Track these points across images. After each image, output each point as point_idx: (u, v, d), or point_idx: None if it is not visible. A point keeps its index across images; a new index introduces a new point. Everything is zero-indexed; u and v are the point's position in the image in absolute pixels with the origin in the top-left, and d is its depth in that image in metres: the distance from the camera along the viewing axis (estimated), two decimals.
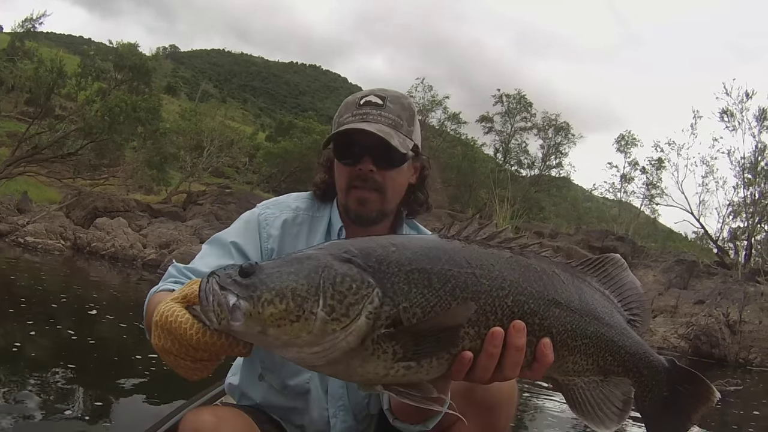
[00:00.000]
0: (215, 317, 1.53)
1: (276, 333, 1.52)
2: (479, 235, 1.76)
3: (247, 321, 1.52)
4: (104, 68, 35.96)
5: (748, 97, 28.47)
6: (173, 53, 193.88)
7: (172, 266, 2.43)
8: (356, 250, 1.63)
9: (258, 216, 2.56)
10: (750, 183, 28.51)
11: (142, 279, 18.23)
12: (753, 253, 27.74)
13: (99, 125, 29.83)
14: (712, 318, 16.15)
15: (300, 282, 1.53)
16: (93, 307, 12.25)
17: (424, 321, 1.57)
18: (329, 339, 1.51)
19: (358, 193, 2.40)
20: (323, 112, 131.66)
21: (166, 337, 1.62)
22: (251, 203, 16.27)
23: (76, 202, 26.69)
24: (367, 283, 1.56)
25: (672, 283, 20.41)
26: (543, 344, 1.68)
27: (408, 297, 1.58)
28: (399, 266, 1.61)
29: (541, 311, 1.70)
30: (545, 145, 46.30)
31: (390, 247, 1.66)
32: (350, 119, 2.40)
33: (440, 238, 1.76)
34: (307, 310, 1.51)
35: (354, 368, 1.58)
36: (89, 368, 7.62)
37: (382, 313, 1.55)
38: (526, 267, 1.74)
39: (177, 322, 1.60)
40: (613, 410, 1.78)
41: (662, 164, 34.78)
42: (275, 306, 1.50)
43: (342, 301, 1.53)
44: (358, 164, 2.37)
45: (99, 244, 21.77)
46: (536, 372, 1.70)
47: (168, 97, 70.33)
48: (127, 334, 10.10)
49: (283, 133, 56.28)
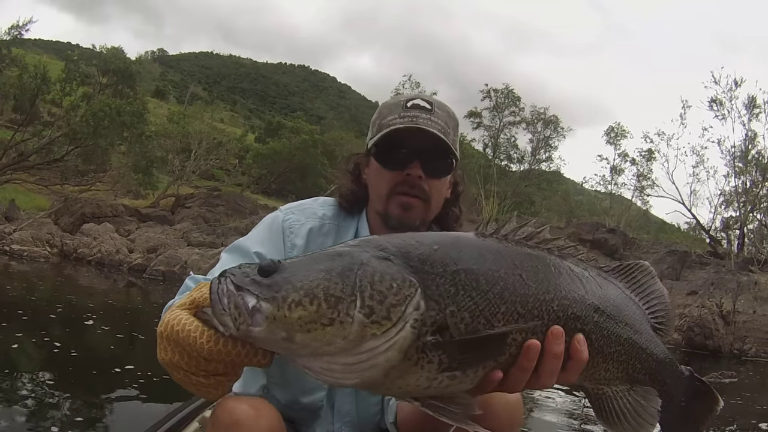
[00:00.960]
0: (231, 322, 1.32)
1: (304, 339, 1.32)
2: (517, 234, 1.64)
3: (270, 325, 1.31)
4: (89, 73, 35.89)
5: (737, 85, 28.49)
6: (161, 57, 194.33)
7: (188, 278, 2.19)
8: (394, 248, 1.46)
9: (282, 222, 2.38)
10: (741, 172, 28.43)
11: (130, 284, 18.30)
12: (746, 242, 27.71)
13: (83, 130, 29.74)
14: (705, 309, 15.98)
15: (333, 280, 1.34)
16: (81, 314, 12.19)
17: (480, 332, 1.42)
18: (367, 347, 1.33)
19: (403, 199, 2.27)
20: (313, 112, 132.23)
21: (173, 349, 1.41)
22: (240, 205, 16.36)
23: (63, 209, 26.49)
24: (410, 282, 1.38)
25: (664, 274, 20.09)
26: (577, 341, 1.55)
27: (455, 300, 1.42)
28: (444, 266, 1.45)
29: (583, 316, 1.59)
30: (534, 139, 46.32)
31: (432, 245, 1.50)
32: (398, 121, 2.24)
33: (479, 237, 1.62)
34: (342, 312, 1.31)
35: (393, 381, 1.40)
36: (82, 375, 7.60)
37: (427, 319, 1.38)
38: (567, 271, 1.64)
39: (185, 330, 1.38)
40: (641, 422, 1.70)
41: (652, 155, 34.78)
42: (304, 308, 1.31)
43: (382, 302, 1.34)
44: (406, 169, 2.24)
45: (85, 250, 21.69)
46: (571, 373, 1.56)
47: (157, 101, 70.47)
48: (116, 339, 10.17)
49: (272, 134, 56.30)
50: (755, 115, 28.52)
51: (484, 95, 47.14)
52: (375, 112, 2.41)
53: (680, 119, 31.66)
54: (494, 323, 1.44)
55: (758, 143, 28.83)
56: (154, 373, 7.46)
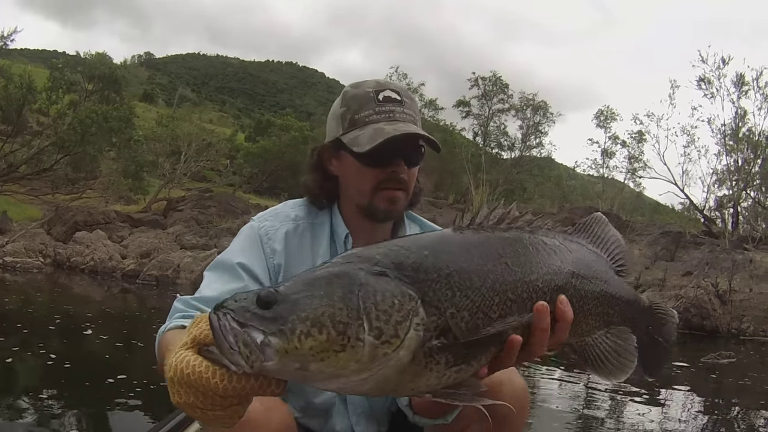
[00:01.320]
0: (243, 360, 1.30)
1: (319, 367, 1.32)
2: (490, 219, 1.71)
3: (283, 358, 1.30)
4: (74, 80, 35.77)
5: (725, 63, 28.34)
6: (148, 60, 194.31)
7: (177, 300, 2.17)
8: (387, 261, 1.47)
9: (258, 230, 2.37)
10: (732, 150, 28.40)
11: (124, 291, 18.28)
12: (740, 221, 27.71)
13: (71, 138, 29.68)
14: (701, 289, 15.90)
15: (336, 305, 1.34)
16: (76, 323, 12.17)
17: (481, 331, 1.49)
18: (379, 363, 1.35)
19: (389, 194, 2.30)
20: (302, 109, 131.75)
21: (186, 392, 1.38)
22: (232, 205, 16.33)
23: (56, 218, 26.46)
24: (409, 296, 1.41)
25: (658, 255, 20.10)
26: (560, 302, 1.64)
27: (453, 302, 1.46)
28: (437, 271, 1.49)
29: (563, 285, 1.69)
30: (524, 126, 46.17)
31: (421, 251, 1.53)
32: (375, 117, 2.27)
33: (458, 232, 1.67)
34: (352, 337, 1.32)
35: (405, 384, 1.44)
36: (79, 385, 7.60)
37: (430, 325, 1.41)
38: (541, 245, 1.72)
39: (195, 373, 1.35)
40: (624, 360, 1.83)
41: (643, 137, 34.75)
42: (314, 338, 1.30)
43: (388, 321, 1.36)
44: (391, 167, 2.27)
45: (78, 258, 21.74)
46: (559, 334, 1.65)
47: (145, 105, 70.30)
48: (112, 348, 10.11)
49: (261, 132, 56.16)
50: (744, 93, 28.43)
51: (472, 84, 46.93)
52: (338, 100, 2.40)
53: (669, 99, 31.62)
54: (491, 315, 1.50)
55: (748, 121, 28.80)
56: (151, 381, 7.43)
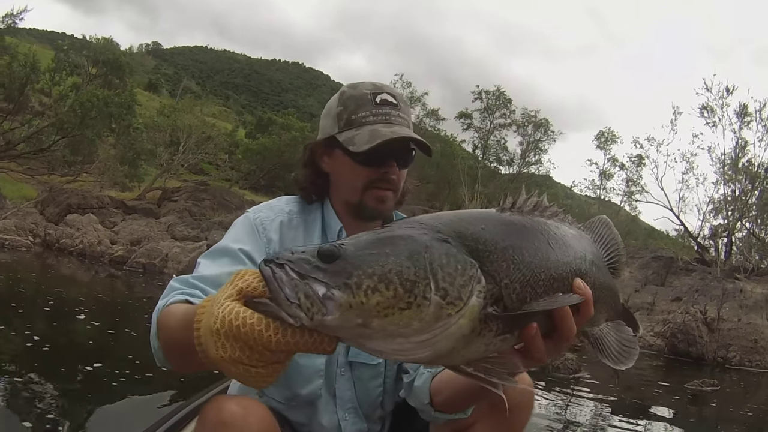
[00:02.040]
0: (304, 312, 1.28)
1: (381, 324, 1.32)
2: (527, 205, 1.73)
3: (345, 313, 1.29)
4: (78, 63, 35.77)
5: (729, 92, 28.34)
6: (156, 50, 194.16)
7: (173, 280, 2.11)
8: (449, 230, 1.49)
9: (254, 220, 2.39)
10: (730, 179, 28.38)
11: (111, 276, 18.25)
12: (734, 251, 27.67)
13: (70, 120, 29.63)
14: (689, 315, 15.84)
15: (404, 264, 1.35)
16: (60, 305, 12.10)
17: (532, 305, 1.52)
18: (441, 324, 1.36)
19: (379, 193, 2.37)
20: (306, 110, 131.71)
21: (233, 345, 1.31)
22: (226, 200, 16.39)
23: (50, 199, 26.49)
24: (470, 263, 1.44)
25: (649, 279, 20.01)
26: (576, 285, 1.65)
27: (508, 274, 1.50)
28: (494, 244, 1.52)
29: (587, 269, 1.75)
30: (524, 142, 46.21)
31: (478, 224, 1.56)
32: (372, 119, 2.34)
33: (504, 212, 1.69)
34: (419, 296, 1.33)
35: (458, 351, 1.44)
36: (61, 369, 7.49)
37: (487, 292, 1.44)
38: (568, 233, 1.79)
39: (247, 325, 1.29)
40: (631, 348, 1.89)
41: (642, 161, 34.77)
42: (381, 293, 1.30)
43: (453, 284, 1.37)
44: (383, 167, 2.35)
45: (68, 240, 21.73)
46: (584, 314, 1.66)
47: (150, 94, 70.31)
48: (95, 332, 10.05)
49: (262, 129, 56.07)
50: (746, 123, 28.44)
51: (476, 96, 47.14)
52: (334, 99, 2.45)
53: (671, 125, 31.64)
54: (537, 289, 1.55)
55: (749, 152, 28.78)
56: (131, 367, 7.49)
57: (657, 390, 10.93)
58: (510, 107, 46.66)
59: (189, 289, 2.03)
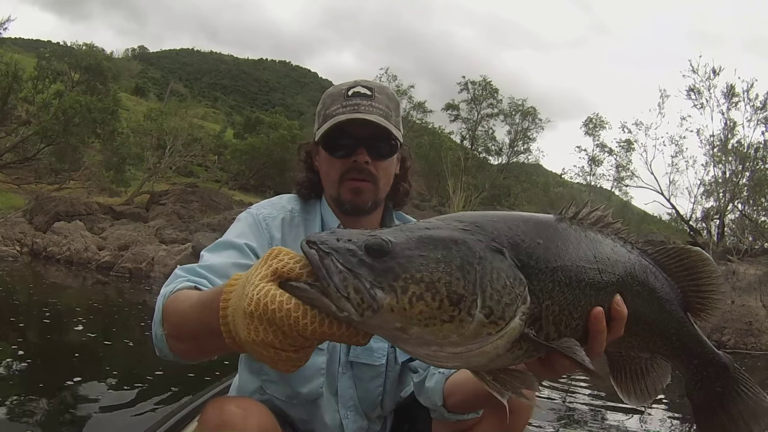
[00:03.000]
0: (353, 307, 1.24)
1: (420, 332, 1.29)
2: (590, 218, 1.72)
3: (386, 315, 1.26)
4: (61, 70, 35.69)
5: (715, 74, 28.26)
6: (142, 54, 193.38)
7: (178, 269, 2.11)
8: (505, 240, 1.46)
9: (257, 216, 2.44)
10: (720, 160, 28.29)
11: (96, 282, 18.17)
12: (727, 232, 27.59)
13: (54, 128, 29.51)
14: None
15: (455, 275, 1.31)
16: (46, 313, 12.08)
17: (566, 346, 1.48)
18: (479, 342, 1.34)
19: (352, 184, 2.39)
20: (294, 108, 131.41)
21: (266, 328, 1.27)
22: (214, 201, 16.38)
23: (38, 208, 26.32)
24: (520, 280, 1.41)
25: None
26: (616, 302, 1.62)
27: (551, 295, 1.48)
28: (546, 263, 1.50)
29: (627, 296, 1.66)
30: (512, 131, 46.12)
31: (536, 237, 1.52)
32: (341, 110, 2.37)
33: (563, 223, 1.66)
34: (464, 311, 1.29)
35: (485, 364, 1.42)
36: (44, 377, 7.46)
37: (529, 312, 1.42)
38: (623, 256, 1.72)
39: (282, 309, 1.24)
40: (645, 388, 1.82)
41: (631, 145, 34.67)
42: (426, 303, 1.26)
43: (500, 302, 1.34)
44: (353, 156, 2.37)
45: (55, 248, 21.72)
46: (615, 331, 1.62)
47: (137, 99, 70.19)
48: (80, 338, 10.03)
49: (250, 129, 55.92)
50: (734, 104, 28.36)
51: (462, 87, 47.12)
52: (319, 102, 2.53)
53: (658, 109, 31.52)
54: (574, 314, 1.52)
55: (738, 132, 28.68)
56: (129, 373, 7.63)
57: None
58: (497, 97, 46.73)
59: (196, 278, 2.03)
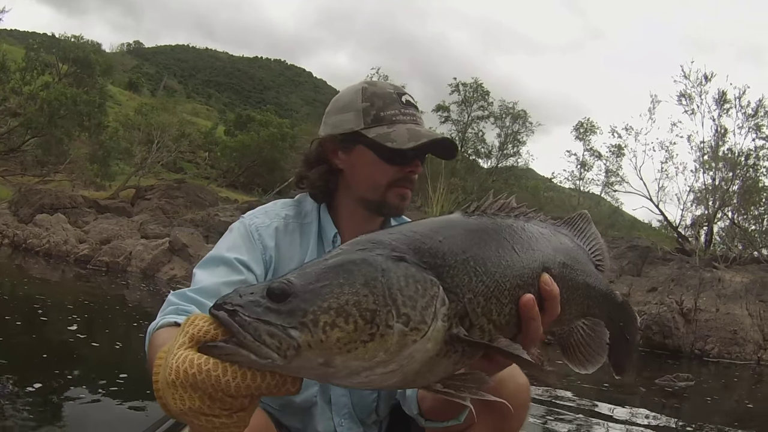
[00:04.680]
0: (275, 352, 1.20)
1: (345, 360, 1.25)
2: (493, 207, 1.72)
3: (307, 353, 1.22)
4: (50, 62, 35.64)
5: (707, 80, 28.05)
6: (137, 49, 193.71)
7: (171, 294, 2.11)
8: (404, 246, 1.42)
9: (249, 226, 2.37)
10: (709, 167, 28.14)
11: (75, 276, 18.21)
12: (717, 240, 27.49)
13: (39, 119, 29.40)
14: (664, 306, 15.54)
15: (361, 292, 1.27)
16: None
17: (498, 342, 1.48)
18: (407, 352, 1.30)
19: (402, 191, 2.37)
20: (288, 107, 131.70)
21: (191, 395, 1.22)
22: (199, 197, 16.38)
23: (23, 200, 26.31)
24: (431, 281, 1.37)
25: (624, 269, 19.50)
26: (543, 282, 1.64)
27: (470, 287, 1.45)
28: (454, 256, 1.46)
29: (559, 269, 1.72)
30: (502, 134, 46.11)
31: (436, 237, 1.49)
32: (402, 118, 2.32)
33: (464, 217, 1.65)
34: (381, 325, 1.26)
35: (423, 374, 1.38)
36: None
37: (451, 311, 1.38)
38: (538, 234, 1.75)
39: (203, 372, 1.20)
40: (597, 351, 1.86)
41: (621, 150, 34.48)
42: (341, 328, 1.23)
43: (415, 307, 1.30)
44: (410, 167, 2.33)
45: (35, 240, 21.74)
46: (551, 311, 1.64)
47: (130, 93, 70.28)
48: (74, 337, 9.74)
49: (241, 127, 55.89)
50: (725, 111, 28.18)
51: (453, 89, 47.06)
52: (354, 93, 2.39)
53: (649, 114, 31.30)
54: (502, 300, 1.51)
55: (728, 140, 28.54)
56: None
57: (627, 386, 10.58)
58: (488, 99, 46.69)
59: (185, 305, 2.02)
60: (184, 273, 18.76)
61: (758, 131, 27.83)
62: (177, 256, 20.05)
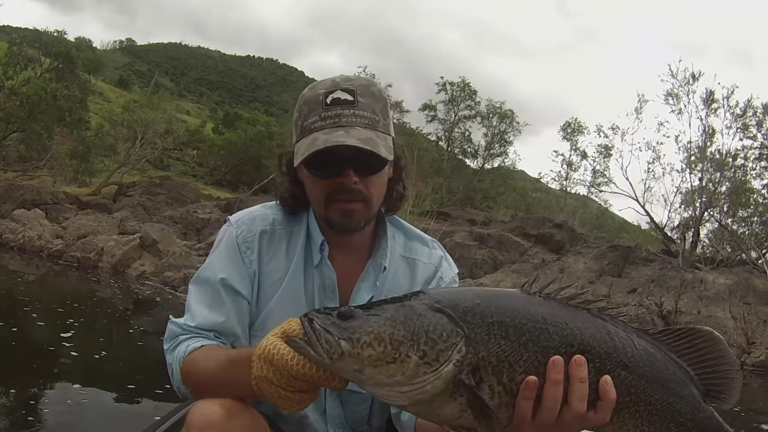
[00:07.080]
0: (324, 352, 1.59)
1: (371, 372, 1.60)
2: (560, 294, 1.77)
3: (347, 359, 1.59)
4: (32, 56, 35.55)
5: (695, 79, 27.82)
6: (130, 47, 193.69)
7: (172, 324, 2.29)
8: (446, 301, 1.68)
9: (236, 239, 2.38)
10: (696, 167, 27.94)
11: (48, 271, 18.47)
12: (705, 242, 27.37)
13: (18, 114, 29.27)
14: (643, 308, 15.32)
15: (397, 327, 1.61)
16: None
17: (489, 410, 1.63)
18: (419, 380, 1.58)
19: (341, 206, 2.23)
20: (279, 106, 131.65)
21: (267, 367, 1.73)
22: (181, 194, 16.44)
23: (5, 195, 26.52)
24: (456, 332, 1.62)
25: (605, 270, 19.29)
26: (604, 381, 1.65)
27: (487, 346, 1.63)
28: (482, 318, 1.66)
29: (607, 370, 1.69)
30: (489, 133, 46.01)
31: (476, 299, 1.71)
32: (320, 124, 2.16)
33: (522, 293, 1.78)
34: (403, 353, 1.58)
35: (434, 408, 1.64)
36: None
37: (465, 359, 1.61)
38: (598, 327, 1.73)
39: (279, 354, 1.71)
40: None
41: (609, 150, 34.22)
42: (373, 348, 1.58)
43: (434, 347, 1.59)
44: (339, 178, 2.19)
45: (10, 235, 21.84)
46: (601, 413, 1.65)
47: (120, 90, 70.29)
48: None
49: (229, 125, 55.80)
50: (713, 111, 27.97)
51: (440, 88, 46.99)
52: (296, 105, 2.29)
53: (636, 113, 31.02)
54: (516, 368, 1.63)
55: (716, 140, 28.33)
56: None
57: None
58: (475, 99, 46.63)
59: (191, 336, 2.23)
60: (153, 269, 18.83)
61: (746, 131, 27.64)
62: (147, 251, 20.07)
